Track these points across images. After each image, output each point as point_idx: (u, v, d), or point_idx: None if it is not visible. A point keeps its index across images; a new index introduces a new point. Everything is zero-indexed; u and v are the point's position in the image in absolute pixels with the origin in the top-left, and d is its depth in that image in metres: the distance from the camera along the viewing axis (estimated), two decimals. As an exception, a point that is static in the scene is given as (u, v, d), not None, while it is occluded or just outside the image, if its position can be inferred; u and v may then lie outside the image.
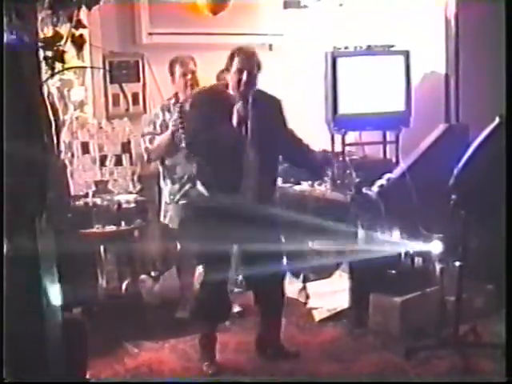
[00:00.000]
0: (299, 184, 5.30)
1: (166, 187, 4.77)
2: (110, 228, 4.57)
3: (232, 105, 3.87)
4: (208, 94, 4.11)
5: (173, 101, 4.71)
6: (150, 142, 4.67)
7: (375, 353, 4.24)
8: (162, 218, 4.82)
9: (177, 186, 4.70)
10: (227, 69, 3.94)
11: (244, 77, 3.85)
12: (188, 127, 4.01)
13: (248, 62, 3.87)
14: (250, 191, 3.90)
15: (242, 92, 3.88)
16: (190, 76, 4.68)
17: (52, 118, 2.71)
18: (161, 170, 4.79)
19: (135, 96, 5.19)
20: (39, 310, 2.67)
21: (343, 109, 5.15)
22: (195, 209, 4.11)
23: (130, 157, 4.77)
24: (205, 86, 4.36)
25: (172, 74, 4.75)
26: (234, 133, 3.86)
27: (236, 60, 3.88)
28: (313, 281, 5.26)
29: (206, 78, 4.66)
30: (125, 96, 5.00)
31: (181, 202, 4.67)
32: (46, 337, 2.70)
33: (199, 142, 3.93)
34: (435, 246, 4.52)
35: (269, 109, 4.00)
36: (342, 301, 4.77)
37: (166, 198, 4.78)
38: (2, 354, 2.50)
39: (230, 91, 3.92)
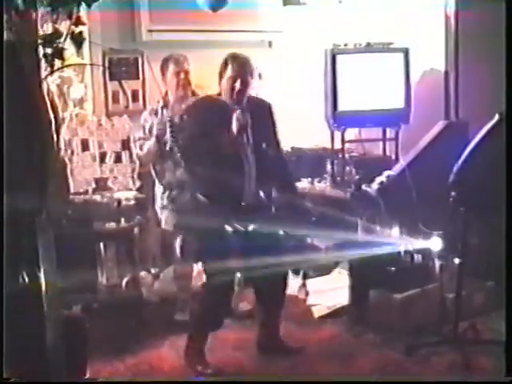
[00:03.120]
0: (299, 181, 5.30)
1: (159, 192, 4.73)
2: (110, 225, 4.57)
3: (229, 112, 3.85)
4: (204, 102, 4.09)
5: (161, 103, 4.61)
6: (140, 148, 4.62)
7: (375, 350, 4.24)
8: (162, 223, 4.77)
9: (166, 192, 4.63)
10: (220, 75, 3.93)
11: (237, 84, 3.86)
12: (184, 136, 4.02)
13: (241, 69, 3.87)
14: (252, 197, 3.92)
15: (235, 100, 3.88)
16: (183, 75, 4.54)
17: (51, 115, 2.71)
18: (153, 174, 4.73)
19: (135, 93, 5.19)
20: (39, 308, 2.67)
21: (343, 106, 5.15)
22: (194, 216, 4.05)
23: (130, 154, 4.76)
24: (198, 96, 4.38)
25: (164, 72, 4.60)
26: (235, 141, 3.85)
27: (229, 67, 3.87)
28: (312, 277, 5.27)
29: (207, 76, 4.64)
30: (124, 93, 5.01)
31: (170, 207, 4.63)
32: (46, 334, 2.70)
33: (197, 150, 3.90)
34: (435, 243, 4.52)
35: (262, 114, 4.02)
36: (342, 298, 4.77)
37: (158, 202, 4.75)
38: (2, 354, 2.50)
39: (226, 99, 3.91)
